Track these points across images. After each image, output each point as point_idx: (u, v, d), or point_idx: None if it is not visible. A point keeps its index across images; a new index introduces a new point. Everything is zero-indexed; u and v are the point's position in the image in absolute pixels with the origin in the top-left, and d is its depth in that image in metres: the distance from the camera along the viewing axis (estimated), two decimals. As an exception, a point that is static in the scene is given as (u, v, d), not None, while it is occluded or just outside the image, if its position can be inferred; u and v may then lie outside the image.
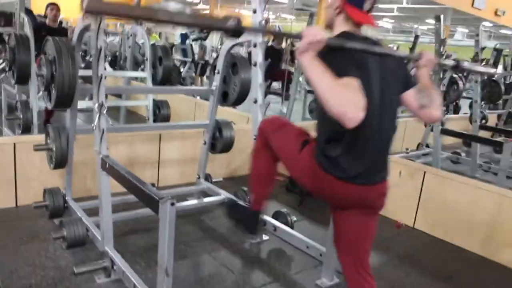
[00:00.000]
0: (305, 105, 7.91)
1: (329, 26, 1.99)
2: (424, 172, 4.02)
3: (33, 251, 2.97)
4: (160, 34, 20.28)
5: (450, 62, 2.24)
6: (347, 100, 1.51)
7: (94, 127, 2.68)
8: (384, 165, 2.01)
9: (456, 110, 9.11)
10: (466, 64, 2.23)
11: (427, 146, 6.59)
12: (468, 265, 3.47)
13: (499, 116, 7.87)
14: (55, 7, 5.53)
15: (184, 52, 10.39)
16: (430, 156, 5.97)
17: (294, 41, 10.71)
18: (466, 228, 3.73)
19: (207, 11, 23.63)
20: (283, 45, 9.02)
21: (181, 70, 9.95)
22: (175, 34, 11.85)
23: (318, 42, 1.61)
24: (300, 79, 7.18)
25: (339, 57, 1.72)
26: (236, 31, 1.62)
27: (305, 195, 4.42)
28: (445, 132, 5.73)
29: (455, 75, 6.27)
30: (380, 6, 21.41)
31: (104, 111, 2.69)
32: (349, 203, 1.98)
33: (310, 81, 1.59)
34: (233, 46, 3.54)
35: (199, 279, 2.85)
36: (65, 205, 3.38)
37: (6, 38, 4.71)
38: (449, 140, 7.28)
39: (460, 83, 6.30)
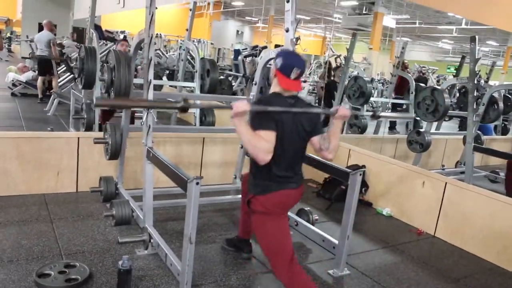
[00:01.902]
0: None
1: (269, 83, 2.65)
2: (446, 183, 4.26)
3: (87, 227, 3.55)
4: (219, 50, 21.19)
5: (366, 113, 2.68)
6: (259, 148, 2.24)
7: (142, 123, 3.21)
8: (299, 175, 2.60)
9: (505, 131, 9.07)
10: (382, 114, 2.70)
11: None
12: (479, 271, 3.67)
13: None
14: (125, 43, 6.10)
15: (236, 68, 11.00)
16: (466, 174, 6.11)
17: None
18: (484, 237, 3.92)
19: (266, 30, 24.36)
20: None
21: (233, 84, 10.55)
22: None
23: (242, 112, 2.25)
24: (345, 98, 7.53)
25: (262, 115, 2.34)
26: (183, 108, 2.31)
27: (333, 200, 4.78)
28: (477, 149, 5.90)
29: (494, 95, 6.42)
30: (439, 27, 21.28)
31: (151, 110, 3.21)
32: (287, 205, 2.57)
33: (239, 135, 2.27)
34: (269, 60, 4.00)
35: (223, 259, 3.29)
36: (116, 191, 3.99)
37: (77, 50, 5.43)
38: (495, 160, 7.35)
39: (500, 103, 6.42)
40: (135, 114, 5.64)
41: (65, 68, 9.09)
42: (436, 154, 7.06)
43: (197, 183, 2.46)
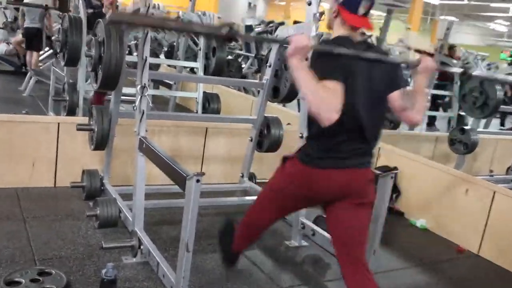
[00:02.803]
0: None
1: (329, 27, 2.46)
2: (494, 192, 4.23)
3: (66, 228, 3.58)
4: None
5: (456, 69, 2.53)
6: (324, 103, 2.03)
7: (135, 108, 3.23)
8: (367, 153, 2.48)
9: None
10: (476, 72, 2.54)
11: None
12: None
13: None
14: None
15: (248, 47, 10.99)
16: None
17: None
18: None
19: (283, 3, 24.36)
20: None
21: (243, 65, 10.55)
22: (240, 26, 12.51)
23: (302, 49, 2.09)
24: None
25: (327, 61, 2.20)
26: (228, 37, 2.15)
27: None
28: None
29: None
30: (492, 5, 21.13)
31: (146, 93, 3.23)
32: (336, 191, 2.40)
33: (296, 81, 2.10)
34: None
35: (225, 272, 3.30)
36: (102, 187, 4.03)
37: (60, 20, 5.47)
38: None
39: None
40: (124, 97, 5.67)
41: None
42: (483, 157, 7.01)
43: (198, 181, 2.48)
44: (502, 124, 11.96)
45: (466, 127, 6.40)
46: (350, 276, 2.45)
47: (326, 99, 2.04)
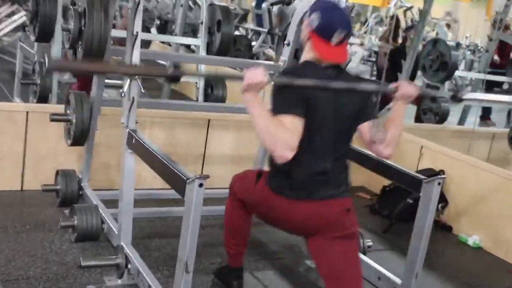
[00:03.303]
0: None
1: (301, 46, 2.72)
2: None
3: (35, 242, 3.57)
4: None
5: (445, 94, 2.70)
6: (278, 140, 2.31)
7: (122, 94, 3.22)
8: (341, 183, 2.74)
9: None
10: (468, 95, 2.70)
11: None
12: None
13: None
14: None
15: (259, 20, 10.99)
16: None
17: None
18: None
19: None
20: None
21: (254, 43, 10.55)
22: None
23: (257, 84, 2.32)
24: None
25: (287, 93, 2.44)
26: (173, 77, 2.34)
27: (395, 219, 4.76)
28: None
29: None
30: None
31: (136, 76, 3.22)
32: (308, 225, 2.70)
33: (251, 118, 2.37)
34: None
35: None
36: (80, 192, 4.01)
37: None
38: None
39: None
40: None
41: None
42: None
43: (201, 185, 2.46)
44: None
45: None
46: None
47: (280, 137, 2.32)
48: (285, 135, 2.31)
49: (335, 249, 2.69)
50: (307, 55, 2.61)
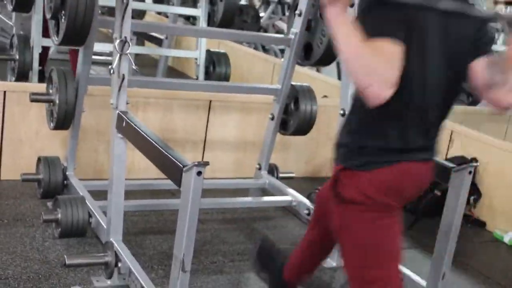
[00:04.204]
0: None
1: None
2: None
3: (15, 238, 3.60)
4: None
5: None
6: (375, 71, 1.95)
7: (111, 71, 3.23)
8: (429, 145, 2.43)
9: None
10: None
11: None
12: None
13: None
14: None
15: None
16: None
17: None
18: None
19: None
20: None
21: (261, 14, 10.52)
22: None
23: None
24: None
25: (383, 10, 2.11)
26: None
27: (420, 214, 4.77)
28: None
29: None
30: None
31: (127, 51, 3.23)
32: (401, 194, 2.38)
33: (334, 41, 1.99)
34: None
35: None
36: (65, 182, 4.03)
37: None
38: None
39: None
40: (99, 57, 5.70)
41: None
42: None
43: (199, 173, 2.46)
44: None
45: None
46: None
47: (377, 67, 1.96)
48: (383, 64, 1.96)
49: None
50: None
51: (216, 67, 6.15)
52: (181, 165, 2.54)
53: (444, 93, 2.30)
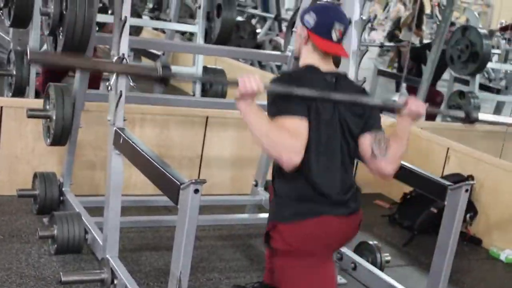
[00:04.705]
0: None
1: (297, 55, 2.83)
2: None
3: (10, 254, 3.59)
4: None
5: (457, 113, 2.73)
6: (281, 144, 2.36)
7: (109, 88, 3.24)
8: (347, 200, 2.70)
9: None
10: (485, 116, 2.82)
11: None
12: None
13: None
14: None
15: (265, 4, 10.98)
16: None
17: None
18: None
19: None
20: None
21: (258, 30, 10.54)
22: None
23: (252, 93, 2.38)
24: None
25: (287, 99, 2.50)
26: (162, 78, 2.50)
27: (416, 231, 4.77)
28: None
29: None
30: None
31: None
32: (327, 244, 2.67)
33: (249, 127, 2.41)
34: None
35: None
36: (61, 198, 4.03)
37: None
38: None
39: None
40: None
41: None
42: None
43: (196, 191, 2.48)
44: None
45: None
46: None
47: (284, 141, 2.38)
48: (289, 138, 2.38)
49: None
50: (306, 59, 2.69)
51: (213, 83, 6.16)
52: (178, 183, 2.56)
53: (343, 157, 2.65)
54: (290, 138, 2.38)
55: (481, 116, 2.90)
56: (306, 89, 2.47)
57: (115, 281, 3.15)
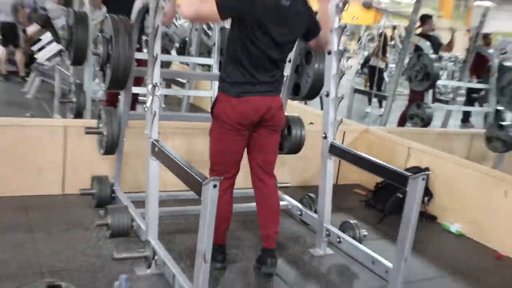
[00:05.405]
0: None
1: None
2: (537, 194, 4.20)
3: (75, 238, 3.64)
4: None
5: None
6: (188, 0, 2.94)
7: (145, 109, 3.27)
8: (270, 83, 3.25)
9: None
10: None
11: None
12: None
13: None
14: None
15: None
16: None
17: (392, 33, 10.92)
18: None
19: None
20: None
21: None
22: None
23: None
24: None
25: None
26: None
27: (387, 212, 4.77)
28: None
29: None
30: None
31: (158, 93, 3.26)
32: (247, 116, 3.19)
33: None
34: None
35: (246, 283, 3.34)
36: (112, 195, 4.07)
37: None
38: None
39: None
40: (138, 98, 5.72)
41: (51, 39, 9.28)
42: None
43: (215, 186, 2.50)
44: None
45: (504, 123, 6.35)
46: (260, 178, 3.54)
47: (201, 6, 2.94)
48: (205, 6, 2.94)
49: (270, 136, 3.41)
50: None
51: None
52: (201, 180, 2.57)
53: (279, 53, 3.17)
54: (206, 5, 2.92)
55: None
56: None
57: (156, 257, 3.19)
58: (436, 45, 7.41)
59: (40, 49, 8.80)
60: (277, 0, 3.03)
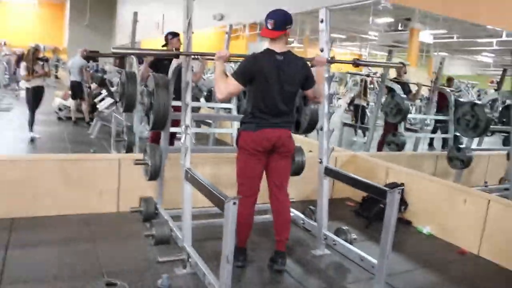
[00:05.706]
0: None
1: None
2: (489, 201, 4.12)
3: (128, 246, 3.63)
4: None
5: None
6: (218, 88, 3.12)
7: (181, 144, 3.27)
8: (281, 122, 3.27)
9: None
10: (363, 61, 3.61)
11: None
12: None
13: None
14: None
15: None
16: None
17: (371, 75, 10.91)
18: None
19: (301, 49, 24.62)
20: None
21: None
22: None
23: (221, 57, 3.14)
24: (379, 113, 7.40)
25: (241, 67, 3.16)
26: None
27: (373, 219, 4.70)
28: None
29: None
30: (479, 41, 20.86)
31: (189, 132, 3.27)
32: (261, 143, 3.22)
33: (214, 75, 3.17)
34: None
35: (262, 279, 3.29)
36: (156, 211, 4.03)
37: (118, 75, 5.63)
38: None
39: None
40: (176, 135, 5.74)
41: (107, 93, 9.45)
42: (478, 170, 6.83)
43: (234, 203, 2.49)
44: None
45: (461, 146, 6.29)
46: (276, 195, 3.45)
47: (220, 87, 3.11)
48: (224, 87, 3.09)
49: (283, 161, 3.35)
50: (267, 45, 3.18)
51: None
52: (223, 199, 2.55)
53: (284, 99, 3.18)
54: (225, 87, 3.09)
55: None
56: (259, 60, 3.08)
57: (190, 260, 3.16)
58: (407, 87, 7.37)
59: (100, 101, 8.99)
60: (273, 56, 3.10)
